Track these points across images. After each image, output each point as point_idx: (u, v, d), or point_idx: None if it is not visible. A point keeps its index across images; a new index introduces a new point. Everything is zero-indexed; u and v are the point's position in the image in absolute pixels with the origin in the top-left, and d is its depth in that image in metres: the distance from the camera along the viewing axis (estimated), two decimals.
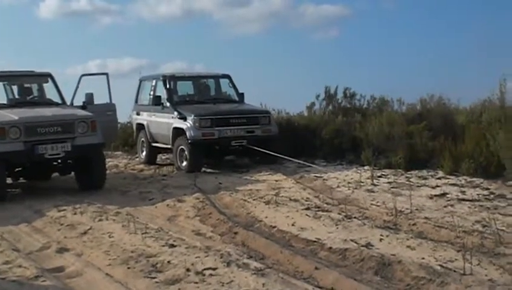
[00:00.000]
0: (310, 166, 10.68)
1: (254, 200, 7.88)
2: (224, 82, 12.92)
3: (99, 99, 10.83)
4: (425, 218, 6.43)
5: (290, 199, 7.79)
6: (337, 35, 38.91)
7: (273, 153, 10.90)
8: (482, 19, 34.12)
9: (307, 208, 7.18)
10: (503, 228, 5.84)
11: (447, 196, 7.76)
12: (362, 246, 5.41)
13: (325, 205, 7.42)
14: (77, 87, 10.59)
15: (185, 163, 11.11)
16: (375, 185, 8.76)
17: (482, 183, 8.48)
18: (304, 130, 12.58)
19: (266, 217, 6.83)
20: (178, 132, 11.30)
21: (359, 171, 9.92)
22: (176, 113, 11.44)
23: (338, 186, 8.78)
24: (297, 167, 10.90)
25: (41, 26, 41.91)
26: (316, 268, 4.83)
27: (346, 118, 12.75)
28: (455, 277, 4.45)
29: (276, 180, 9.49)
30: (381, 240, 5.63)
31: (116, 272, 5.03)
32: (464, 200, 7.44)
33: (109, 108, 10.96)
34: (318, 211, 7.03)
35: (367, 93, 14.25)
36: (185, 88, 12.87)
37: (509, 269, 4.47)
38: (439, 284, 4.34)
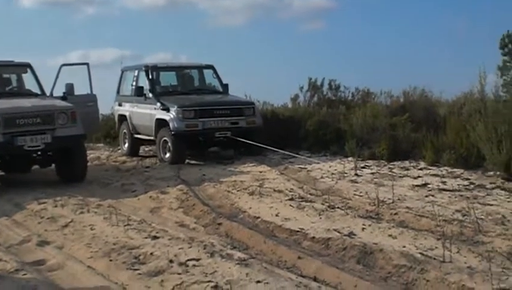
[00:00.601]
0: (294, 157, 10.70)
1: (238, 191, 7.88)
2: (208, 73, 12.84)
3: (80, 90, 10.72)
4: (407, 207, 6.47)
5: (274, 190, 7.80)
6: (323, 27, 39.04)
7: (257, 144, 10.89)
8: (467, 11, 34.37)
9: (291, 199, 7.20)
10: (482, 217, 5.90)
11: (428, 186, 7.82)
12: (345, 235, 5.44)
13: (309, 196, 7.44)
14: (57, 77, 10.41)
15: (168, 155, 11.04)
16: (358, 175, 8.80)
17: (462, 173, 8.56)
18: (289, 122, 12.58)
19: (250, 208, 6.84)
20: (161, 123, 11.22)
21: (343, 162, 9.97)
22: (158, 104, 11.37)
23: (322, 177, 8.80)
24: (282, 158, 10.92)
25: (22, 16, 41.56)
26: (299, 257, 4.87)
27: (331, 109, 12.79)
28: (435, 265, 4.50)
29: (261, 172, 9.49)
30: (363, 229, 5.67)
31: (98, 264, 5.01)
32: (444, 190, 7.50)
33: (90, 99, 10.83)
34: (302, 201, 7.05)
35: (352, 85, 14.35)
36: (168, 79, 12.78)
37: (487, 256, 4.52)
38: (420, 271, 4.39)
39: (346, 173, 8.96)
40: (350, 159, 10.20)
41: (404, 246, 5.01)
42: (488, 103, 8.61)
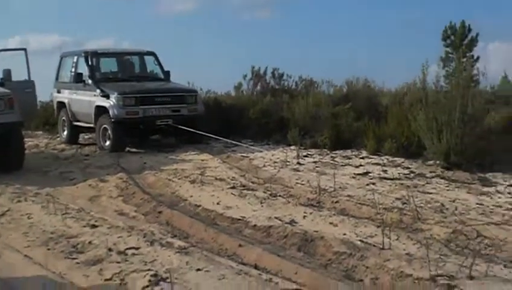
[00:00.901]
0: (237, 145, 10.67)
1: (179, 179, 7.83)
2: (149, 59, 12.68)
3: (18, 76, 10.48)
4: (348, 196, 6.54)
5: (216, 178, 7.77)
6: (269, 16, 39.17)
7: (199, 132, 10.82)
8: (412, 3, 35.04)
9: (233, 187, 7.19)
10: (422, 205, 6.02)
11: (370, 174, 7.92)
12: (286, 223, 5.47)
13: (251, 184, 7.43)
14: None
15: (108, 142, 10.86)
16: (300, 164, 8.84)
17: (403, 162, 8.71)
18: (232, 110, 12.53)
19: (191, 196, 6.81)
20: (101, 111, 11.02)
21: (285, 151, 9.99)
22: (98, 90, 11.15)
23: (264, 166, 8.81)
24: (224, 146, 10.88)
25: None
26: (240, 245, 4.87)
27: (274, 98, 12.79)
28: (374, 251, 4.56)
29: (202, 160, 9.44)
30: (304, 217, 5.71)
31: (35, 253, 4.91)
32: (385, 178, 7.62)
33: (28, 85, 10.61)
34: (244, 189, 7.05)
35: (295, 74, 14.37)
36: (108, 65, 12.54)
37: (425, 243, 4.59)
38: (359, 258, 4.45)
39: (288, 162, 8.99)
40: (293, 147, 10.24)
41: (344, 234, 5.07)
42: (429, 93, 8.75)
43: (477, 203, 6.18)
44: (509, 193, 6.70)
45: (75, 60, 12.27)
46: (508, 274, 4.11)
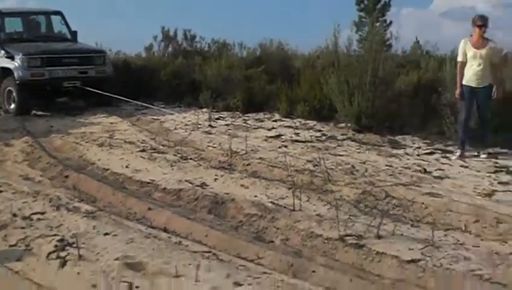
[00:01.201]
0: (148, 107, 10.47)
1: (87, 142, 7.63)
2: (56, 19, 12.19)
3: None
4: (260, 158, 6.55)
5: (125, 142, 7.62)
6: None
7: (108, 94, 10.53)
8: None
9: (142, 150, 7.07)
10: (332, 167, 6.10)
11: (282, 137, 7.97)
12: (197, 186, 5.43)
13: (161, 147, 7.34)
14: None
15: (13, 105, 10.49)
16: (212, 127, 8.79)
17: (315, 125, 8.81)
18: (142, 72, 12.27)
19: (99, 160, 6.66)
20: (5, 72, 10.60)
21: (197, 114, 9.91)
22: (2, 52, 10.72)
23: (175, 129, 8.71)
24: (135, 109, 10.66)
25: None
26: (149, 209, 4.81)
27: (186, 60, 12.59)
28: (285, 213, 4.59)
29: (111, 123, 9.24)
30: (215, 180, 5.68)
31: None
32: (297, 141, 7.69)
33: None
34: (154, 153, 6.95)
35: (209, 36, 14.17)
36: (13, 25, 11.95)
37: (335, 204, 4.65)
38: (270, 219, 4.47)
39: (200, 124, 8.91)
40: (204, 110, 10.16)
41: (255, 196, 5.08)
42: (341, 57, 8.84)
43: (387, 165, 6.33)
44: (417, 155, 6.91)
45: None
46: (414, 233, 4.23)
